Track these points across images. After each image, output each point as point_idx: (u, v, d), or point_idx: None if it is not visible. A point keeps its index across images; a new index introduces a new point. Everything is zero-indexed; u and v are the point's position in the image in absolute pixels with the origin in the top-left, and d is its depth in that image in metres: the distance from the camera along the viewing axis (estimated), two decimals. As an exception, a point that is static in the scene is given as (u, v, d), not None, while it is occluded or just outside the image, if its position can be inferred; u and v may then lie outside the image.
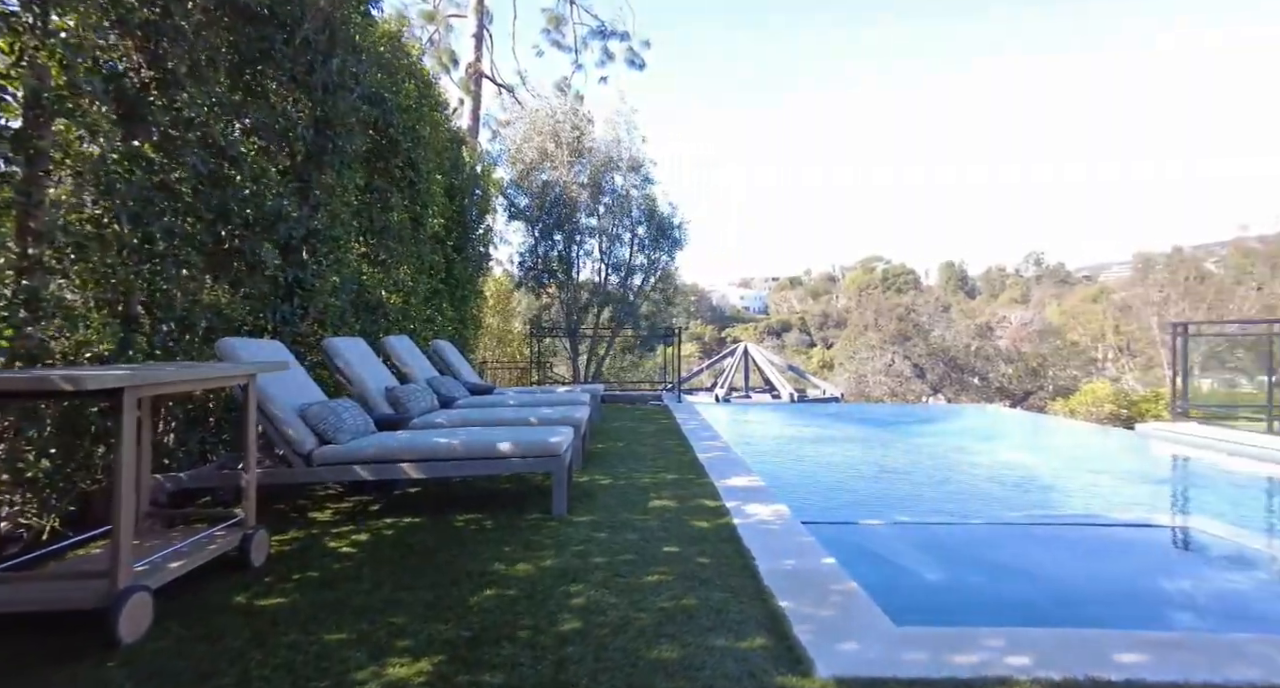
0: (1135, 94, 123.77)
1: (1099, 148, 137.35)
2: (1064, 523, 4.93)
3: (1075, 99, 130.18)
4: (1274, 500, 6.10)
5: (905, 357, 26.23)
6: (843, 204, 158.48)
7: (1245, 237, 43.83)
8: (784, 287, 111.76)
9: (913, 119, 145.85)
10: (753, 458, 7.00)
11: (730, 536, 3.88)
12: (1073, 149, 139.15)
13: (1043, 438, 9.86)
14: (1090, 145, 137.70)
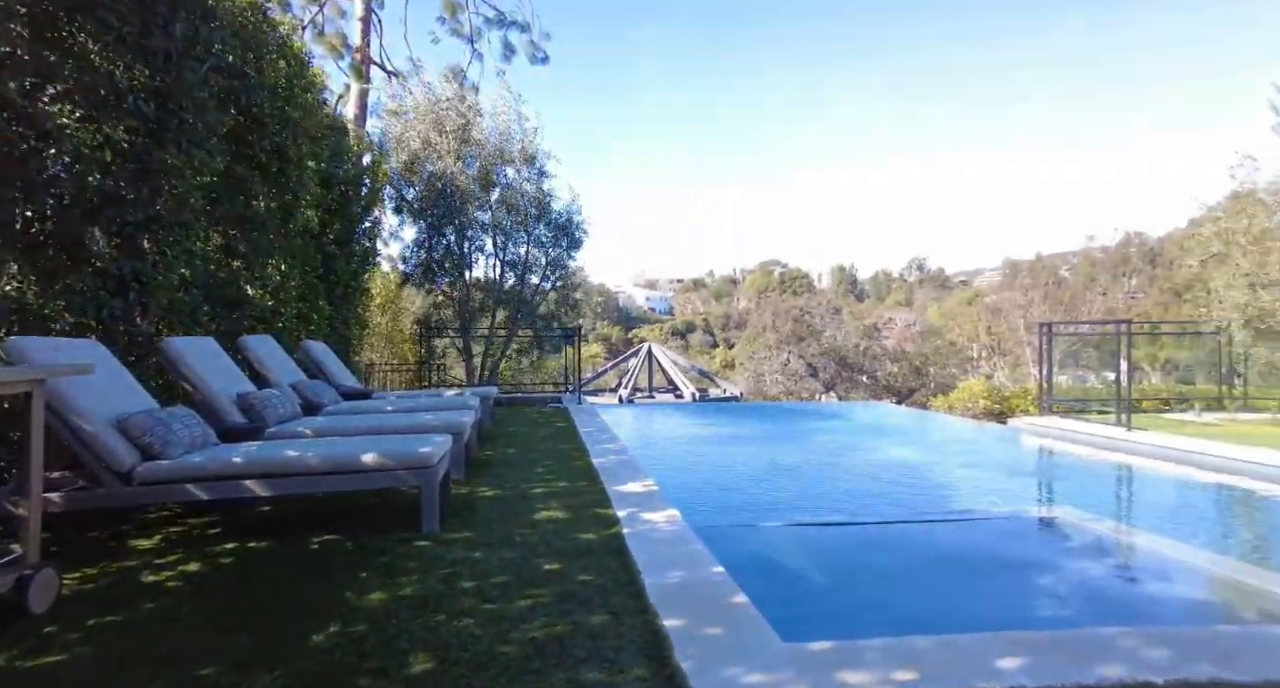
0: (1005, 108, 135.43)
1: (975, 158, 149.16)
2: (949, 519, 5.04)
3: (952, 111, 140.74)
4: (1128, 488, 6.57)
5: (800, 356, 27.15)
6: (744, 209, 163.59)
7: (1091, 247, 48.78)
8: (688, 289, 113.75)
9: (810, 129, 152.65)
10: (650, 461, 6.83)
11: (618, 547, 3.63)
12: (951, 159, 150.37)
13: (927, 434, 10.31)
14: (967, 155, 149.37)
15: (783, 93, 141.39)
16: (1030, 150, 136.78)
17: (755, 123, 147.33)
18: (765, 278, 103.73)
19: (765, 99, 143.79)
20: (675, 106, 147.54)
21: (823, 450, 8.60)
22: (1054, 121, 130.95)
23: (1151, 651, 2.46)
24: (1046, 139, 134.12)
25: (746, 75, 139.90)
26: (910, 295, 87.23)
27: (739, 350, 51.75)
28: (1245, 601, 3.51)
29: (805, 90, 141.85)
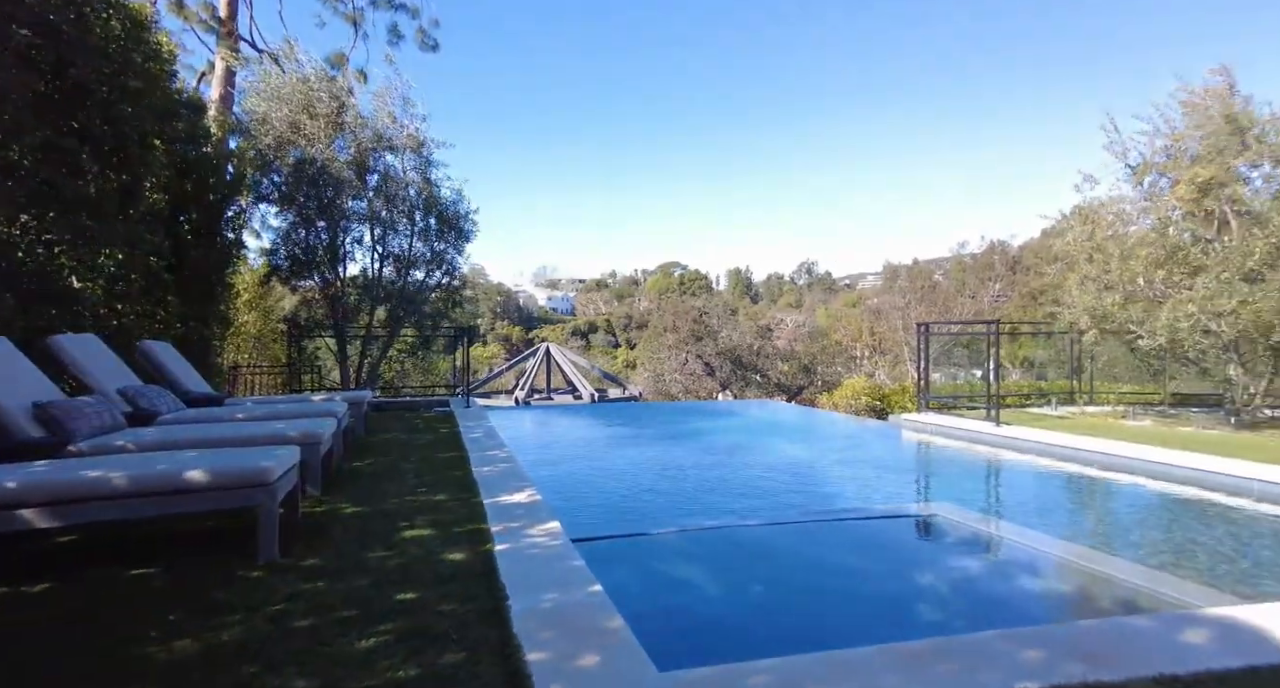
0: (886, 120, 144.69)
1: (860, 167, 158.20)
2: (834, 518, 5.03)
3: (837, 123, 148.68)
4: (998, 481, 6.91)
5: (698, 356, 27.53)
6: (646, 211, 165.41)
7: (962, 254, 52.95)
8: (591, 289, 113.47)
9: (707, 135, 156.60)
10: (538, 468, 6.49)
11: (487, 569, 3.29)
12: (839, 167, 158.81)
13: (814, 431, 10.56)
14: (854, 164, 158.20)
15: (687, 100, 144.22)
16: (911, 160, 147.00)
17: (660, 129, 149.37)
18: (666, 279, 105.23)
19: (669, 106, 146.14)
20: (576, 111, 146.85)
21: (715, 450, 8.57)
22: (932, 134, 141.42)
23: (1027, 653, 2.43)
24: (925, 150, 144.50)
25: (652, 78, 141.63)
26: (800, 298, 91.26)
27: (640, 350, 52.07)
28: (1105, 590, 3.66)
29: (708, 99, 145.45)
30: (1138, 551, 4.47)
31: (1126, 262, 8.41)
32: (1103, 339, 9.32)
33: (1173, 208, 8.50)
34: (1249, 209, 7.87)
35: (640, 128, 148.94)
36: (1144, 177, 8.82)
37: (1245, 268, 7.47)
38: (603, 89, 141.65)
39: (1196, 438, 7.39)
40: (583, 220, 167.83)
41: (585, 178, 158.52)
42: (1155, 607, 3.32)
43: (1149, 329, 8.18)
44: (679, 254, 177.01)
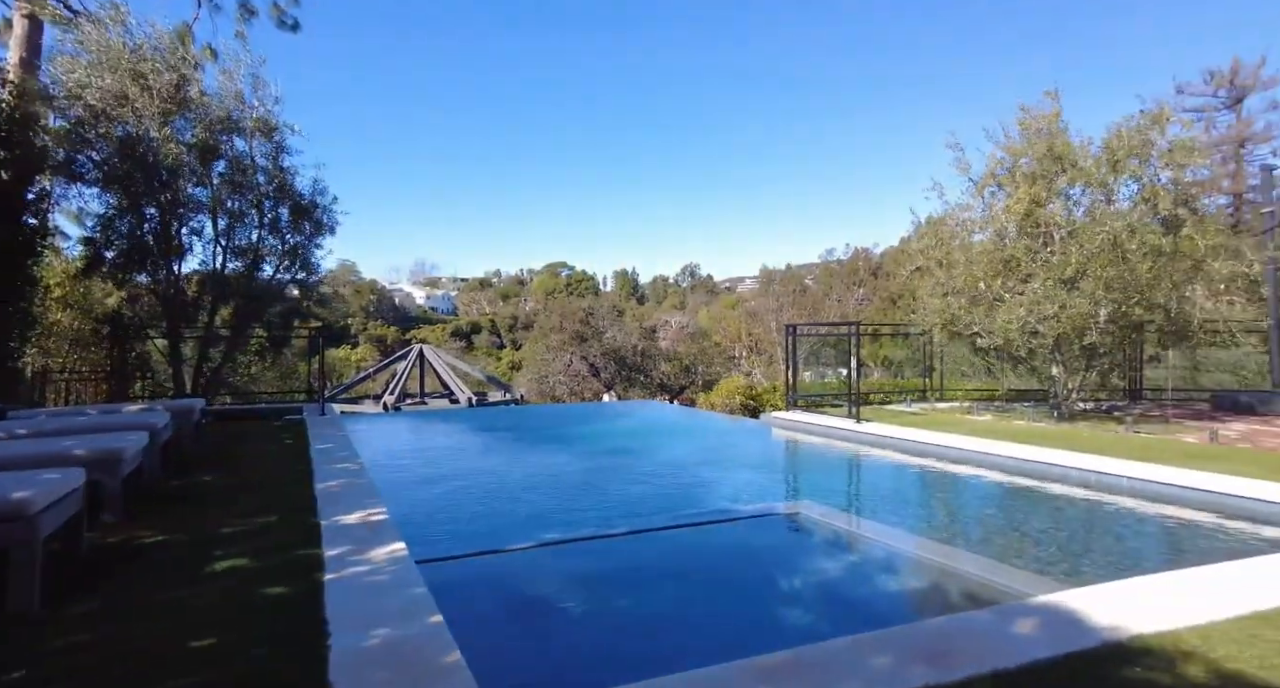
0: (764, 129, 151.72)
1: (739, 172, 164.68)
2: (701, 522, 4.98)
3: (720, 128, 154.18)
4: (858, 477, 7.21)
5: (583, 357, 27.33)
6: (532, 210, 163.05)
7: (830, 260, 56.45)
8: (474, 288, 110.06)
9: (596, 135, 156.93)
10: (393, 481, 6.01)
11: (311, 602, 2.90)
12: (720, 171, 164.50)
13: (690, 431, 10.66)
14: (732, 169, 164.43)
15: (569, 106, 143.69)
16: (784, 167, 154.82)
17: (547, 128, 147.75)
18: (553, 280, 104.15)
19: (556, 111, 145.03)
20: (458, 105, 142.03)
21: (588, 455, 8.39)
22: (805, 142, 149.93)
23: (877, 660, 2.41)
24: (798, 158, 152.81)
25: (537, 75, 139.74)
26: (684, 300, 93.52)
27: (526, 351, 51.08)
28: (951, 583, 3.82)
29: (594, 102, 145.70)
30: (978, 541, 4.75)
31: (970, 269, 9.11)
32: (951, 340, 10.06)
33: (1008, 220, 9.30)
34: (1066, 225, 8.75)
35: (527, 127, 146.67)
36: (984, 190, 9.61)
37: (1064, 276, 8.30)
38: (485, 82, 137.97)
39: (1026, 430, 8.11)
40: (465, 218, 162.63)
41: (468, 174, 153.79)
42: (995, 598, 3.49)
43: (987, 331, 8.90)
44: (566, 255, 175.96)
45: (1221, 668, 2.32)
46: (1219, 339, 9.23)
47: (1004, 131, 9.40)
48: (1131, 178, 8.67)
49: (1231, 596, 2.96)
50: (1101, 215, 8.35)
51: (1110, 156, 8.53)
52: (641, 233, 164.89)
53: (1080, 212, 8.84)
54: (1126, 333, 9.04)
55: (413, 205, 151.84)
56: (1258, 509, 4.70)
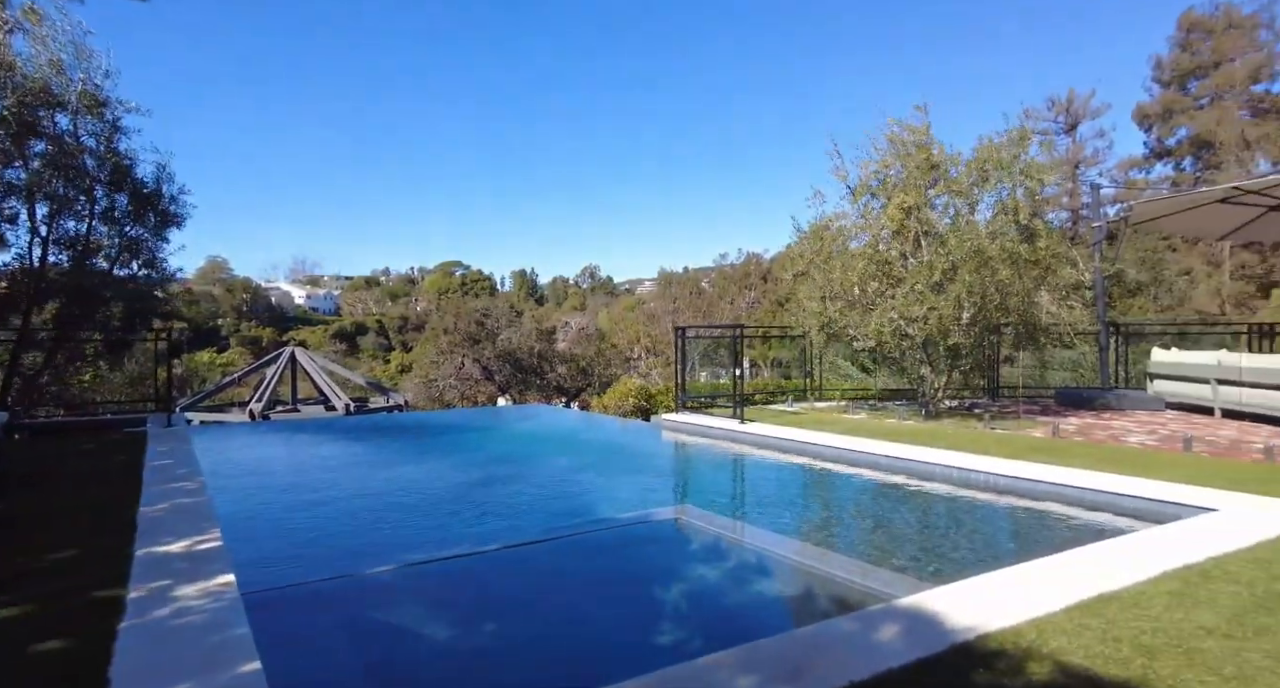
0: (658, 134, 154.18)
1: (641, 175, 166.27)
2: (578, 533, 4.79)
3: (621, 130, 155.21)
4: (738, 477, 7.27)
5: (475, 359, 26.46)
6: (425, 207, 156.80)
7: (724, 264, 58.18)
8: (359, 287, 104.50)
9: (490, 135, 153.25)
10: (238, 501, 5.41)
11: (95, 658, 2.44)
12: (620, 173, 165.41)
13: (579, 435, 10.47)
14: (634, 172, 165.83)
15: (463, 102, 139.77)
16: (682, 170, 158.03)
17: (439, 127, 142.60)
18: (446, 279, 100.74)
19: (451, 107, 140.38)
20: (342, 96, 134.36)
21: (469, 464, 7.99)
22: (704, 148, 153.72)
23: (743, 679, 2.31)
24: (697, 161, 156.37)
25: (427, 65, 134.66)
26: (585, 301, 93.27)
27: (417, 354, 48.96)
28: (822, 587, 3.83)
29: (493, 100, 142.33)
30: (849, 541, 4.86)
31: (846, 273, 9.48)
32: (829, 342, 10.44)
33: (882, 227, 9.77)
34: (936, 231, 9.30)
35: (421, 121, 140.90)
36: (860, 198, 10.06)
37: (931, 281, 8.80)
38: (373, 71, 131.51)
39: (896, 428, 8.52)
40: (351, 215, 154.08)
41: (356, 169, 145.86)
42: (862, 601, 3.52)
43: (862, 333, 9.31)
44: (462, 254, 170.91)
45: (1056, 660, 2.40)
46: (1061, 340, 10.13)
47: (873, 144, 9.86)
48: (994, 191, 9.32)
49: (1063, 585, 3.11)
50: (967, 224, 8.92)
51: (979, 169, 9.14)
52: (541, 233, 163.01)
53: (947, 220, 9.41)
54: (986, 334, 9.72)
55: (294, 200, 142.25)
56: (1085, 497, 5.11)
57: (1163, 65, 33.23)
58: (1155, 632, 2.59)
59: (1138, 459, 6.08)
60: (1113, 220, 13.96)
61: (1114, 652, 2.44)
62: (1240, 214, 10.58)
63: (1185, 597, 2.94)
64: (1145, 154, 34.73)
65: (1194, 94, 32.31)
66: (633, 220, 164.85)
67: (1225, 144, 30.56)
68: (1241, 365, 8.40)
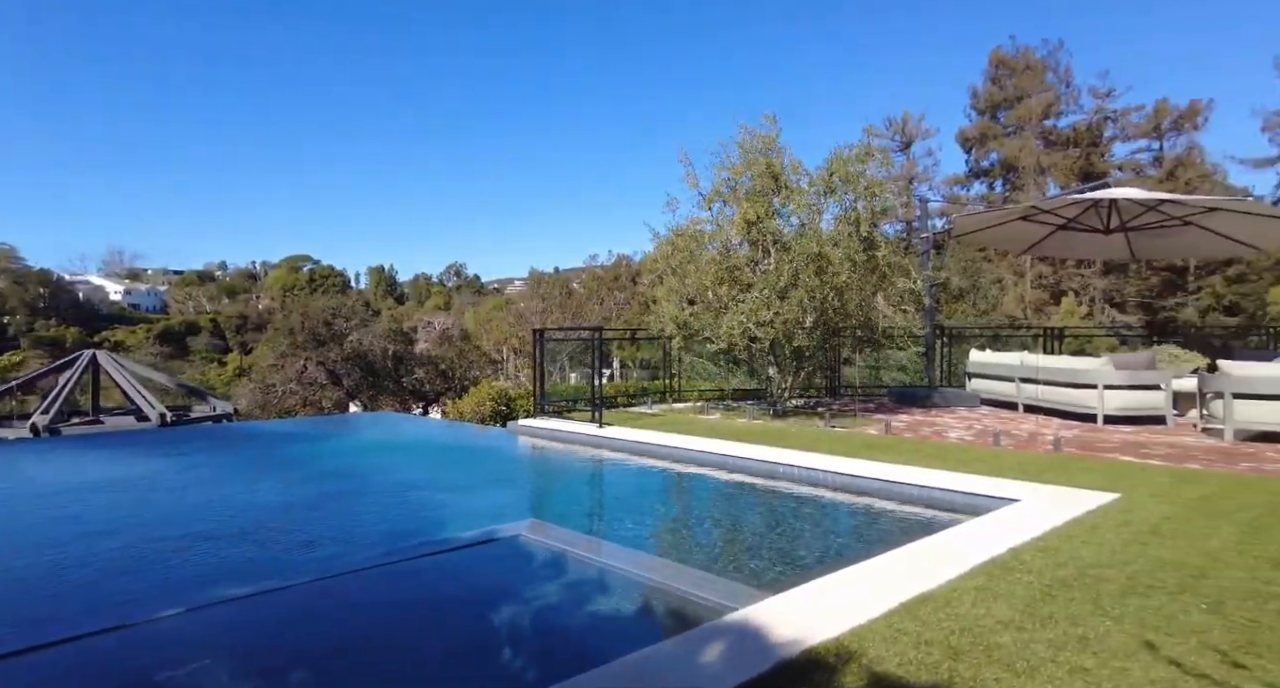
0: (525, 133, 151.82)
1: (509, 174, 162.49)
2: (403, 558, 4.35)
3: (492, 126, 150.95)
4: (592, 486, 7.09)
5: (321, 362, 24.44)
6: (269, 197, 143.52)
7: (594, 265, 58.34)
8: (190, 282, 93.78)
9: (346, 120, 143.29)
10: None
11: None
12: (488, 169, 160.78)
13: (428, 444, 9.85)
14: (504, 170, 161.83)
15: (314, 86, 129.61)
16: (555, 169, 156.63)
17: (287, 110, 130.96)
18: (292, 275, 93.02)
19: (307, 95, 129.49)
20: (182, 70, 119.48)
21: (296, 482, 7.19)
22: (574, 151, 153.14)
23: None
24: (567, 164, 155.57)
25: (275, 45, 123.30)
26: (450, 300, 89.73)
27: (258, 355, 44.59)
28: (662, 603, 3.71)
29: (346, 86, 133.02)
30: (694, 549, 4.82)
31: (700, 277, 9.64)
32: (686, 344, 10.59)
33: (732, 234, 10.05)
34: (781, 240, 9.69)
35: (261, 102, 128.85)
36: (711, 204, 10.28)
37: (778, 286, 9.15)
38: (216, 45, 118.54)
39: (746, 428, 8.76)
40: (181, 202, 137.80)
41: (184, 151, 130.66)
42: (700, 616, 3.43)
43: (714, 335, 9.50)
44: (311, 247, 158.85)
45: (872, 671, 2.40)
46: (895, 343, 10.95)
47: (725, 152, 10.11)
48: (839, 202, 9.83)
49: (886, 587, 3.20)
50: (811, 232, 9.34)
51: (826, 181, 9.59)
52: (402, 228, 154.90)
53: (793, 227, 9.82)
54: (828, 337, 10.27)
55: (103, 187, 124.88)
56: (912, 493, 5.44)
57: (978, 95, 37.46)
58: (962, 631, 2.69)
59: (956, 454, 6.61)
60: (938, 233, 15.38)
61: (925, 657, 2.49)
62: (1037, 231, 11.98)
63: (988, 591, 3.11)
64: (966, 173, 39.02)
65: (1003, 123, 36.71)
66: (502, 218, 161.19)
67: (1025, 169, 34.99)
68: (1038, 365, 9.46)
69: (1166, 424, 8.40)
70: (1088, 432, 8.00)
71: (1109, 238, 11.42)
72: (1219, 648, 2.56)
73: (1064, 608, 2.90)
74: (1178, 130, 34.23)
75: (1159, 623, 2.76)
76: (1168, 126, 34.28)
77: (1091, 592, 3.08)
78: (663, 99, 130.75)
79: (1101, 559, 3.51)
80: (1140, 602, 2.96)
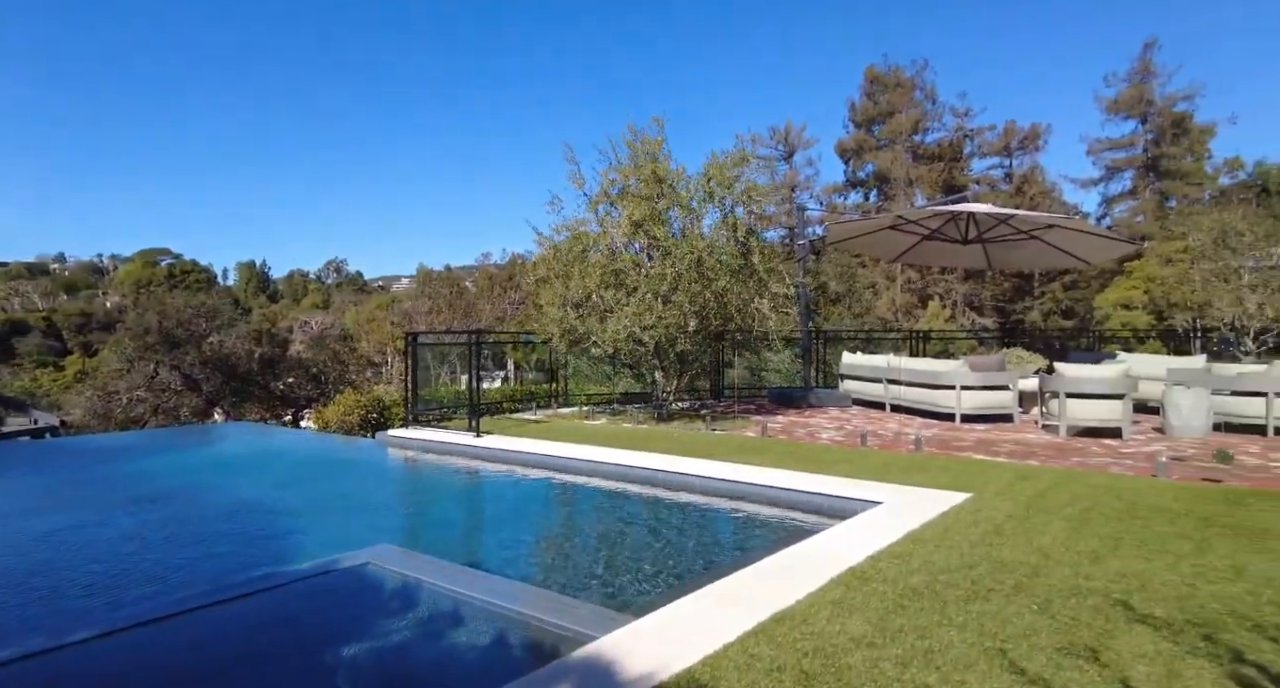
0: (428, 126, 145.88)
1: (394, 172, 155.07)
2: (226, 598, 3.81)
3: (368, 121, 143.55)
4: (458, 502, 6.68)
5: (175, 367, 22.10)
6: (115, 185, 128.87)
7: (488, 264, 56.76)
8: (16, 276, 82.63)
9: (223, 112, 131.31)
10: None
11: None
12: (371, 165, 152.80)
13: (282, 458, 9.01)
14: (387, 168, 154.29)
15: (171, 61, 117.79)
16: (444, 168, 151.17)
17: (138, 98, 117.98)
18: (148, 270, 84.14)
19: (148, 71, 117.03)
20: None
21: (119, 506, 6.31)
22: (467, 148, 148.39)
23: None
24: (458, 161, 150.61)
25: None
26: (329, 298, 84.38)
27: (102, 358, 39.81)
28: (517, 635, 3.45)
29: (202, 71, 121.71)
30: (560, 569, 4.60)
31: (584, 281, 9.43)
32: (570, 349, 10.34)
33: (618, 236, 9.91)
34: (663, 244, 9.66)
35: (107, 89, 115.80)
36: (597, 206, 10.10)
37: (661, 291, 9.11)
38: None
39: (630, 433, 8.64)
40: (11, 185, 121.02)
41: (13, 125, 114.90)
42: (558, 646, 3.20)
43: (600, 340, 9.33)
44: (171, 241, 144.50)
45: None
46: (771, 347, 11.23)
47: (614, 152, 9.97)
48: (718, 207, 9.90)
49: (745, 606, 3.11)
50: (691, 237, 9.36)
51: (705, 185, 9.63)
52: (276, 222, 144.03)
53: (676, 231, 9.82)
54: (710, 341, 10.36)
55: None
56: (783, 497, 5.49)
57: (855, 109, 39.70)
58: (815, 653, 2.63)
59: (826, 456, 6.78)
60: (815, 239, 16.03)
61: (776, 685, 2.40)
62: (906, 239, 12.71)
63: (844, 605, 3.10)
64: (844, 182, 41.25)
65: (877, 136, 39.10)
66: (389, 214, 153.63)
67: (896, 181, 37.47)
68: (902, 367, 9.99)
69: (1014, 422, 9.09)
70: (946, 430, 8.50)
71: (968, 248, 12.29)
72: (1045, 649, 2.65)
73: (913, 619, 2.93)
74: (1024, 150, 37.91)
75: (996, 629, 2.83)
76: (1016, 146, 37.87)
77: (939, 600, 3.14)
78: (548, 104, 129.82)
79: (951, 564, 3.62)
80: (981, 607, 3.05)
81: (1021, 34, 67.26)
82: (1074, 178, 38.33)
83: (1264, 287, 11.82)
